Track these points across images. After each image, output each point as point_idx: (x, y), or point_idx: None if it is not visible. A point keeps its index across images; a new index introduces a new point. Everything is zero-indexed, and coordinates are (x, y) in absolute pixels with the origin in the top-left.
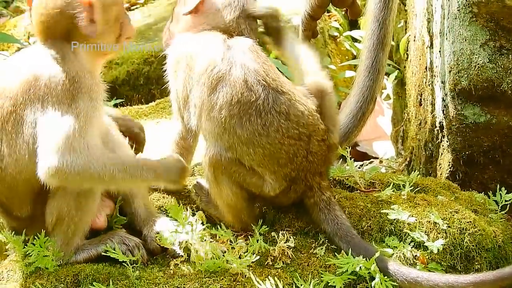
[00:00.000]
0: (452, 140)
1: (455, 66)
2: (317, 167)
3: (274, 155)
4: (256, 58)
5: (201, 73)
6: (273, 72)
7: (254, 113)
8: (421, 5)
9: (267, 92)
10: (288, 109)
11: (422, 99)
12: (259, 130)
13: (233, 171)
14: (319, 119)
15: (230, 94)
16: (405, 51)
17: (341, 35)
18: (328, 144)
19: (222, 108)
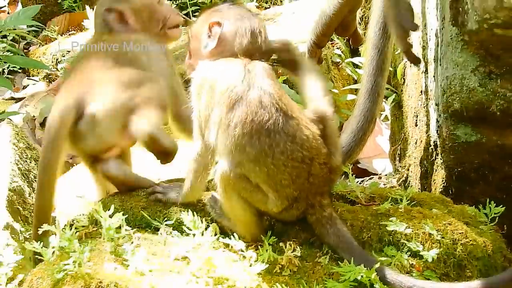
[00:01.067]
0: (445, 157)
1: (448, 90)
2: (318, 188)
3: (277, 176)
4: (272, 83)
5: (222, 93)
6: (285, 98)
7: (264, 132)
8: (416, 34)
9: (278, 114)
10: (295, 132)
11: (417, 120)
12: (266, 150)
13: (241, 187)
14: (322, 143)
15: (245, 112)
16: (402, 76)
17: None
18: (330, 167)
19: (237, 125)
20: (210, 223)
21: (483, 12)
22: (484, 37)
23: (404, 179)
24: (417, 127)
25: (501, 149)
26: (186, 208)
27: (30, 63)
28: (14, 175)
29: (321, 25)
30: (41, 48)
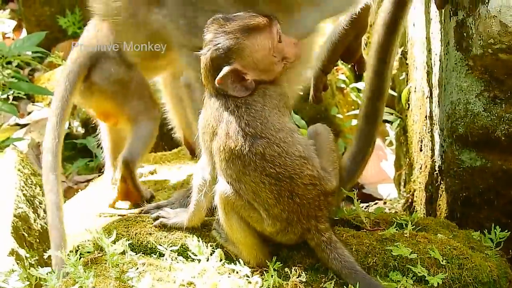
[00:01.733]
0: (450, 182)
1: (453, 115)
2: (310, 210)
3: (260, 193)
4: (241, 113)
5: (205, 125)
6: (257, 122)
7: (235, 156)
8: (421, 59)
9: (244, 139)
10: (264, 150)
11: (422, 145)
12: (242, 170)
13: (239, 206)
14: (306, 165)
15: (219, 143)
16: (406, 101)
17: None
18: (322, 190)
19: (216, 154)
20: (216, 249)
21: (487, 37)
22: (488, 62)
23: (409, 204)
24: (422, 152)
25: (506, 174)
26: (191, 233)
27: (35, 89)
28: (19, 201)
29: (327, 51)
30: (46, 74)
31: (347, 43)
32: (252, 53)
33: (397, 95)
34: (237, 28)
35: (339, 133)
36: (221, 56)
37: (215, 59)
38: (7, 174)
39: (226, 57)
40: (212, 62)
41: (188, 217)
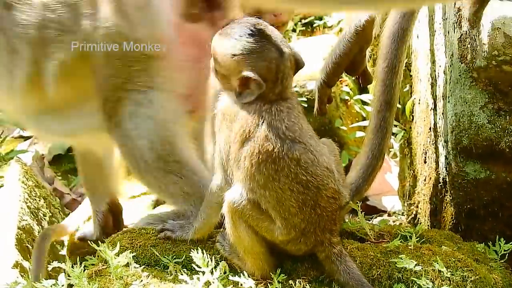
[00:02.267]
0: (454, 194)
1: (457, 127)
2: (327, 223)
3: (285, 202)
4: (283, 116)
5: (236, 133)
6: (296, 126)
7: (270, 159)
8: (425, 71)
9: (283, 142)
10: (300, 156)
11: (426, 157)
12: (272, 175)
13: (248, 215)
14: (331, 178)
15: (253, 147)
16: (410, 113)
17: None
18: (339, 205)
19: (246, 158)
20: (220, 261)
21: (491, 49)
22: (492, 74)
23: (413, 216)
24: (426, 164)
25: (511, 186)
26: (195, 245)
27: None
28: (23, 213)
29: (331, 64)
30: None
31: (351, 55)
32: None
33: (401, 107)
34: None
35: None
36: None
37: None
38: (11, 186)
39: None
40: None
41: (194, 230)
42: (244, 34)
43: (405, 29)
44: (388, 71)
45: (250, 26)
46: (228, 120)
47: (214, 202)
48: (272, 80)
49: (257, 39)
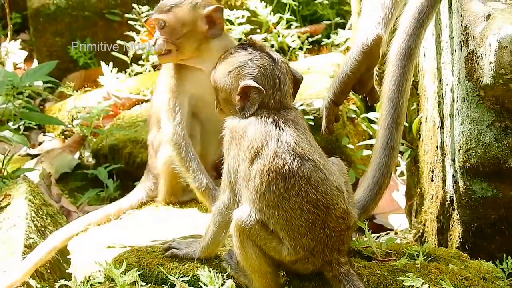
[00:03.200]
0: (461, 213)
1: (464, 145)
2: (335, 243)
3: (295, 222)
4: (291, 132)
5: (245, 150)
6: (305, 143)
7: (280, 177)
8: (432, 89)
9: (293, 159)
10: (310, 173)
11: (433, 176)
12: (283, 193)
13: (256, 235)
14: (340, 197)
15: (263, 164)
16: (417, 132)
17: (358, 117)
18: (348, 224)
19: (256, 176)
20: (227, 279)
21: (498, 67)
22: (499, 92)
23: (420, 234)
24: (433, 182)
25: None
26: (202, 264)
27: (46, 120)
28: (30, 231)
29: (339, 82)
30: (57, 104)
31: (359, 74)
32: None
33: (408, 125)
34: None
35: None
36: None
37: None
38: (18, 204)
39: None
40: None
41: (201, 248)
42: (235, 51)
43: (412, 47)
44: (395, 90)
45: (239, 44)
46: (237, 138)
47: (221, 221)
48: (270, 86)
49: (248, 51)
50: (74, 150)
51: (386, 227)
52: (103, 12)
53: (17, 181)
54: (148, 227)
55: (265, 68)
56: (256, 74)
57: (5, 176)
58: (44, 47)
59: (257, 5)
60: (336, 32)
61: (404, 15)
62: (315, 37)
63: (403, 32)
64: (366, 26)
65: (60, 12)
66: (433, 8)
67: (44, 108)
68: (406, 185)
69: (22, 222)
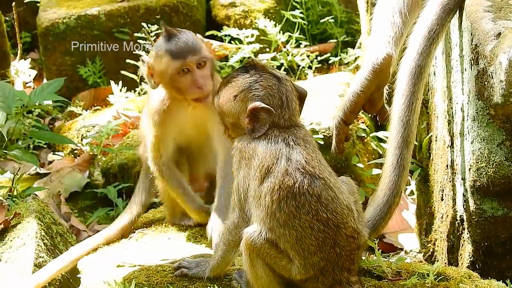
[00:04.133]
0: (472, 232)
1: (474, 164)
2: (345, 262)
3: (305, 240)
4: (301, 150)
5: (255, 169)
6: (315, 161)
7: (291, 195)
8: (442, 108)
9: (303, 177)
10: (321, 192)
11: (443, 195)
12: (293, 212)
13: (266, 254)
14: (350, 216)
15: (273, 182)
16: (427, 150)
17: (368, 135)
18: (358, 244)
19: (266, 195)
20: None
21: (508, 86)
22: (510, 111)
23: (430, 253)
24: (443, 202)
25: None
26: (212, 283)
27: (55, 139)
28: (40, 250)
29: (349, 102)
30: (66, 123)
31: (369, 93)
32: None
33: (418, 144)
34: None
35: (360, 182)
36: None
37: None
38: (28, 223)
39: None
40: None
41: (210, 267)
42: (238, 75)
43: (422, 66)
44: (405, 108)
45: (240, 67)
46: (246, 158)
47: (230, 240)
48: (278, 105)
49: (250, 73)
50: (84, 169)
51: (396, 246)
52: (112, 31)
53: (27, 200)
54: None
55: (271, 88)
56: (263, 95)
57: (15, 195)
58: (53, 66)
59: (266, 24)
60: (345, 50)
61: (414, 34)
62: (324, 56)
63: (413, 50)
64: (376, 45)
65: (70, 31)
66: (443, 26)
67: (54, 127)
68: (416, 204)
69: (32, 241)
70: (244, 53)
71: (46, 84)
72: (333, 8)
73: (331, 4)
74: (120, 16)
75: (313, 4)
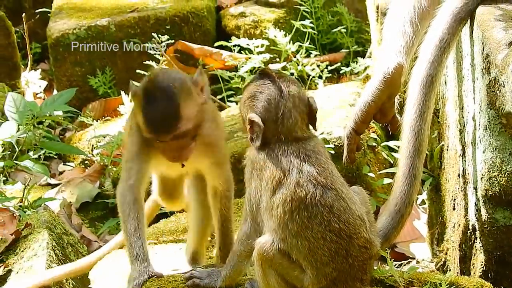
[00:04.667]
0: (484, 241)
1: (486, 174)
2: (358, 273)
3: (317, 251)
4: (313, 161)
5: (267, 180)
6: (327, 172)
7: (303, 207)
8: (453, 117)
9: (315, 188)
10: (333, 202)
11: (455, 204)
12: (305, 222)
13: (278, 264)
14: (363, 227)
15: (285, 194)
16: (438, 160)
17: (379, 145)
18: (370, 254)
19: (278, 206)
20: None
21: None
22: None
23: (442, 263)
24: (455, 211)
25: None
26: None
27: (66, 149)
28: (51, 260)
29: (360, 111)
30: (77, 134)
31: (380, 103)
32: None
33: (430, 154)
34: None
35: (371, 192)
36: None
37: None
38: (39, 233)
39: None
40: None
41: (222, 277)
42: (254, 80)
43: (434, 75)
44: (416, 118)
45: (259, 72)
46: (258, 169)
47: (242, 250)
48: (272, 120)
49: (261, 81)
50: (95, 179)
51: (408, 256)
52: (122, 41)
53: (38, 210)
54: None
55: (270, 102)
56: (261, 107)
57: (26, 206)
58: (64, 77)
59: (276, 34)
60: (355, 60)
61: (425, 43)
62: (334, 65)
63: (424, 60)
64: (387, 54)
65: (80, 42)
66: (454, 36)
67: (64, 138)
68: (428, 214)
69: (43, 251)
70: (254, 63)
71: (57, 95)
72: (343, 18)
73: (341, 14)
74: (130, 26)
75: (323, 14)
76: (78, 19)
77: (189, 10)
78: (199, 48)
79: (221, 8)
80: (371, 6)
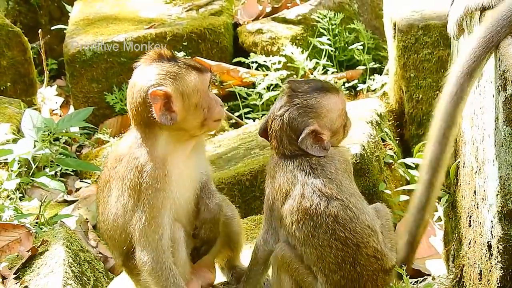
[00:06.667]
0: (500, 258)
1: (502, 190)
2: (368, 283)
3: (325, 258)
4: (317, 174)
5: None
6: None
7: (308, 217)
8: (469, 134)
9: (320, 199)
10: (338, 212)
11: (471, 221)
12: (312, 232)
13: (293, 270)
14: (373, 237)
15: (292, 205)
16: (454, 177)
17: (395, 162)
18: (383, 266)
19: (287, 216)
20: None
21: None
22: None
23: (458, 279)
24: (470, 228)
25: None
26: None
27: (83, 166)
28: (68, 277)
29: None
30: (93, 150)
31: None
32: (329, 113)
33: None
34: (314, 88)
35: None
36: (300, 116)
37: (294, 119)
38: (55, 250)
39: (305, 117)
40: (290, 123)
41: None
42: (287, 87)
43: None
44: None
45: (294, 83)
46: (271, 176)
47: (259, 257)
48: (272, 136)
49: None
50: None
51: (424, 273)
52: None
53: (54, 227)
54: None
55: (275, 118)
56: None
57: (42, 223)
58: (80, 93)
59: (293, 51)
60: (372, 77)
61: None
62: (351, 82)
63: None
64: None
65: (96, 58)
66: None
67: (81, 154)
68: (444, 230)
69: (60, 268)
70: (271, 79)
71: (75, 113)
72: (360, 35)
73: (358, 31)
74: (146, 43)
75: (340, 31)
76: (95, 36)
77: (206, 26)
78: (216, 65)
79: (238, 24)
80: (388, 23)
